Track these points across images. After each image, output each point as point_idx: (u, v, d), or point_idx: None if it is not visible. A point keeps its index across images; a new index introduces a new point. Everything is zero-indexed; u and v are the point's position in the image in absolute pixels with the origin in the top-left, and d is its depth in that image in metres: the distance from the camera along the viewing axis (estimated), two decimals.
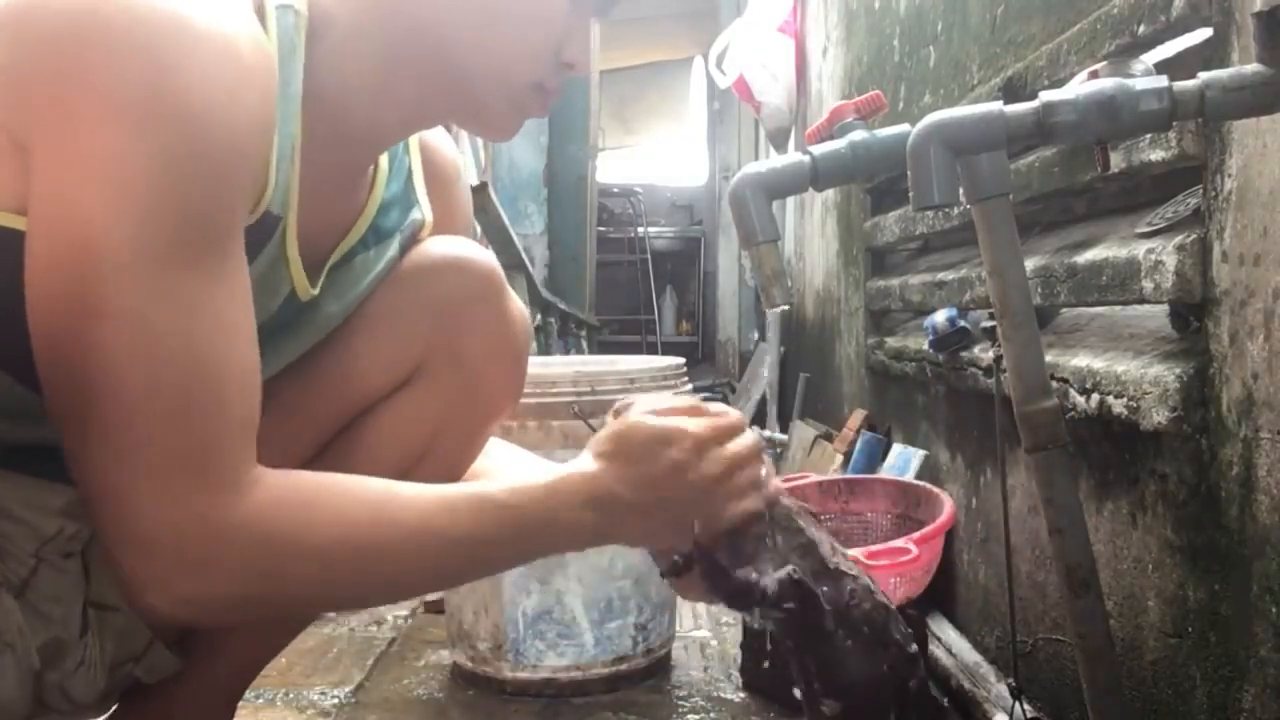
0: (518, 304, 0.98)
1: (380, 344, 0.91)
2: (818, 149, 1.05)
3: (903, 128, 1.05)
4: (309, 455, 0.90)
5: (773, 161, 1.06)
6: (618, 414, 0.81)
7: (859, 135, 1.05)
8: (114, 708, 0.91)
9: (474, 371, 0.94)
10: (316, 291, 0.83)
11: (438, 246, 0.94)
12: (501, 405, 0.99)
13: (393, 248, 0.91)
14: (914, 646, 0.84)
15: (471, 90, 0.79)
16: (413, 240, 0.94)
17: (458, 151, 1.02)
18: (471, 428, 0.97)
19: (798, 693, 0.83)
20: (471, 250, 0.96)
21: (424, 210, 0.95)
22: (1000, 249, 0.90)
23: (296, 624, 1.00)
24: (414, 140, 0.95)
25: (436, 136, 0.98)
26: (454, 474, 0.99)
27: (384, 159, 0.89)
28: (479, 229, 3.29)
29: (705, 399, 0.93)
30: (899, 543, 1.45)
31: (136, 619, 0.83)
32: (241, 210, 0.67)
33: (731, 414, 0.81)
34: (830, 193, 2.94)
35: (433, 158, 0.97)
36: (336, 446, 0.91)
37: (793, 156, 1.05)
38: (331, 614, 1.97)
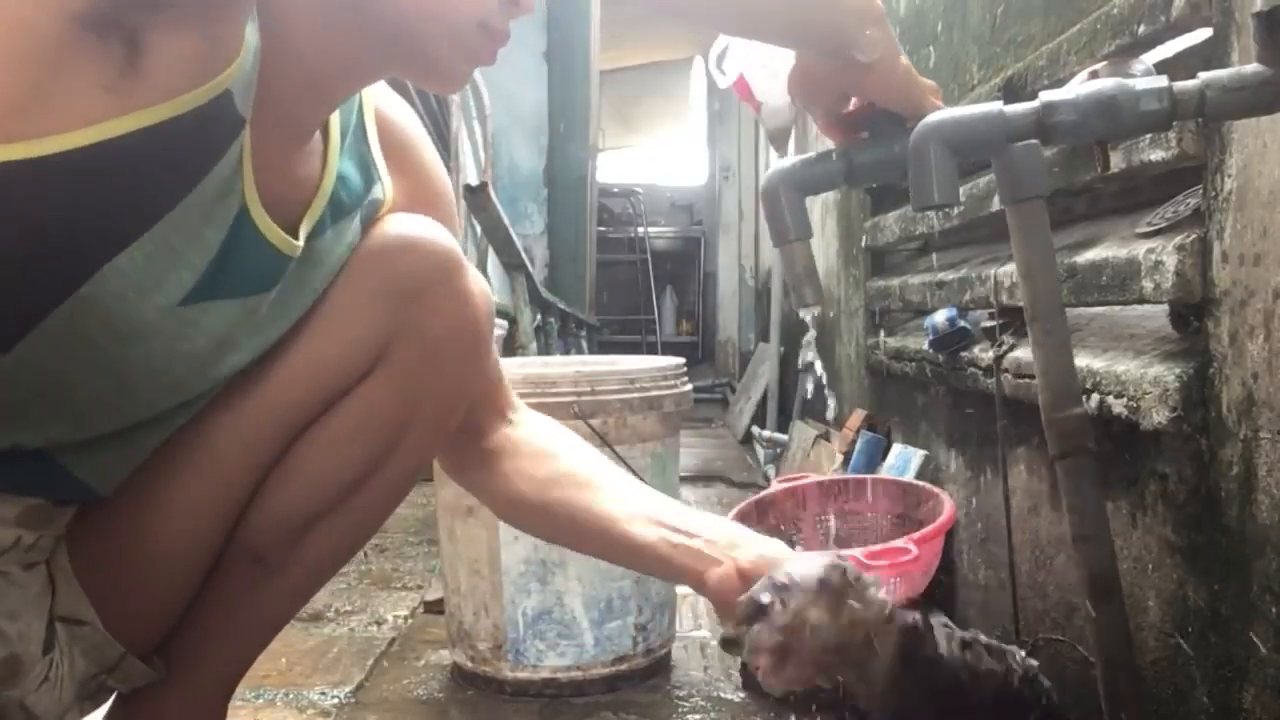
0: (478, 282, 0.95)
1: (342, 333, 0.88)
2: (854, 146, 1.03)
3: None
4: (275, 450, 0.88)
5: (807, 156, 1.03)
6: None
7: None
8: (107, 710, 0.91)
9: (438, 356, 0.91)
10: (300, 243, 0.80)
11: (393, 227, 0.91)
12: (469, 386, 0.97)
13: (353, 228, 0.89)
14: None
15: (410, 32, 0.75)
16: (373, 218, 0.91)
17: (415, 116, 0.98)
18: (440, 413, 0.95)
19: None
20: (428, 230, 0.92)
21: (385, 187, 0.92)
22: (1033, 251, 0.89)
23: (281, 621, 1.00)
24: (369, 109, 0.91)
25: (391, 103, 0.95)
26: (426, 456, 0.97)
27: (335, 128, 0.86)
28: (479, 229, 3.29)
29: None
30: (899, 543, 1.45)
31: (106, 633, 0.83)
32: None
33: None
34: (830, 192, 2.93)
35: (389, 125, 0.94)
36: (304, 439, 0.89)
37: (828, 152, 1.03)
38: (330, 613, 1.97)
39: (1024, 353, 1.32)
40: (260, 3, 0.70)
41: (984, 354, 1.44)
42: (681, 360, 1.76)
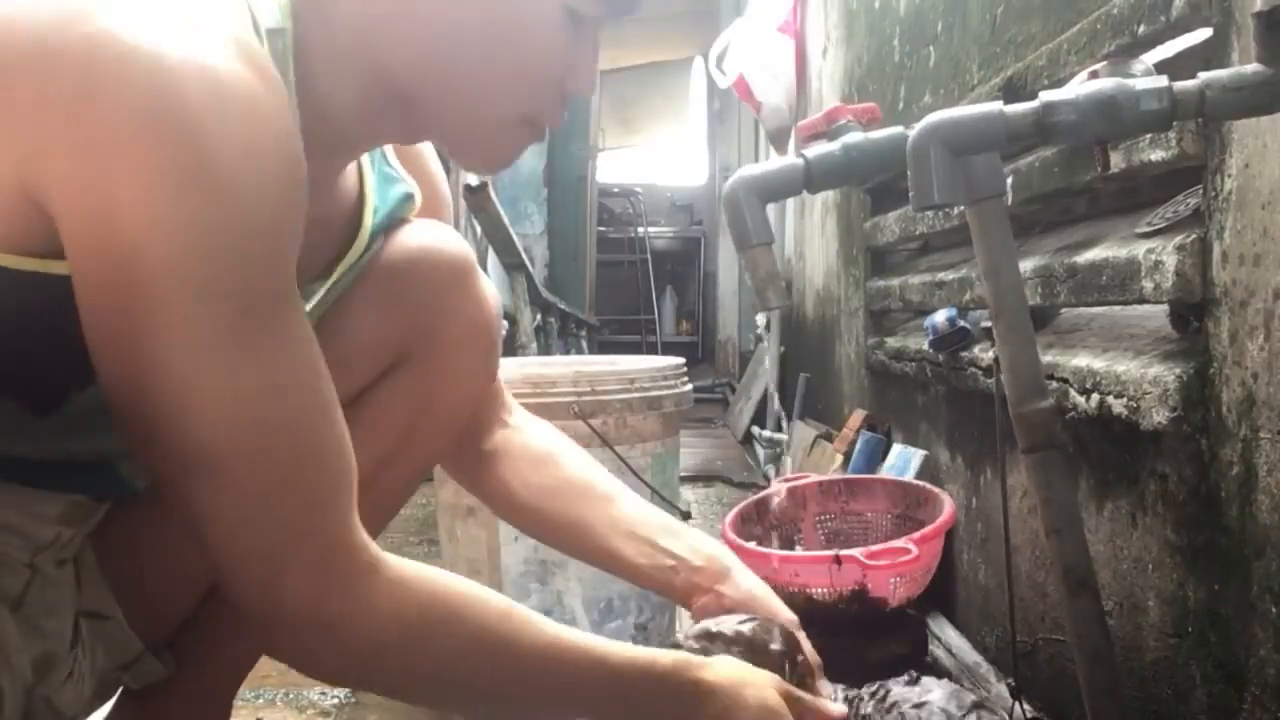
0: (488, 284, 0.99)
1: (361, 339, 0.91)
2: (811, 151, 1.05)
3: (896, 129, 1.05)
4: None
5: (767, 164, 1.06)
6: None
7: (853, 137, 1.05)
8: (109, 709, 0.91)
9: (452, 358, 0.96)
10: (309, 305, 0.83)
11: (410, 236, 0.94)
12: (479, 385, 1.01)
13: (379, 241, 0.92)
14: None
15: (450, 128, 0.78)
16: (402, 220, 0.94)
17: None
18: (451, 411, 0.99)
19: None
20: (442, 236, 0.96)
21: (410, 184, 0.94)
22: (995, 250, 0.90)
23: None
24: None
25: None
26: (434, 455, 1.00)
27: (366, 162, 0.88)
28: (479, 229, 3.29)
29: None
30: (899, 543, 1.45)
31: (128, 628, 0.83)
32: (292, 263, 0.64)
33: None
34: (831, 192, 2.93)
35: None
36: None
37: (787, 159, 1.05)
38: None
39: None
40: (307, 76, 0.71)
41: (984, 354, 1.44)
42: (681, 360, 1.76)
